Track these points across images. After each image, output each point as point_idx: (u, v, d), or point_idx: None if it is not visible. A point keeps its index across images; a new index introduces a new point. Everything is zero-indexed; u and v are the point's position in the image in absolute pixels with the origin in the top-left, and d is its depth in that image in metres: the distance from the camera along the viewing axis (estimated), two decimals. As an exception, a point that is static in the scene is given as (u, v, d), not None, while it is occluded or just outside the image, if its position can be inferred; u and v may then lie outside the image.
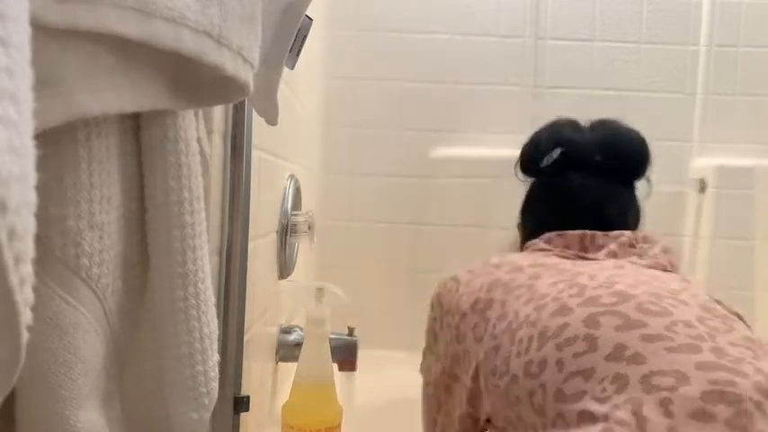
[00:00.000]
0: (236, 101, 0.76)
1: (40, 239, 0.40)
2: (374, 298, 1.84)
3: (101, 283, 0.45)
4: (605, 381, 0.64)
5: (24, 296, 0.26)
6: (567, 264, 0.84)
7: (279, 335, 1.23)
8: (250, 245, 0.88)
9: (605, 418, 0.62)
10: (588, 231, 0.91)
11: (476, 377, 0.81)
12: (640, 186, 0.99)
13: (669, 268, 0.87)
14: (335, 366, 1.09)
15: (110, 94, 0.40)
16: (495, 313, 0.80)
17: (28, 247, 0.26)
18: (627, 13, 1.94)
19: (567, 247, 0.90)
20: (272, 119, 0.73)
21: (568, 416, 0.65)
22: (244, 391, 0.87)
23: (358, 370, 1.22)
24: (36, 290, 0.28)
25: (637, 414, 0.60)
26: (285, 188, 1.22)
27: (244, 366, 0.87)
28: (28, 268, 0.26)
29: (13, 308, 0.25)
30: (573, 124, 1.01)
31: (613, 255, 0.87)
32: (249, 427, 0.94)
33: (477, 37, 1.92)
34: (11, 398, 0.42)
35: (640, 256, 0.87)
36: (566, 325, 0.70)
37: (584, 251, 0.89)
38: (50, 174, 0.41)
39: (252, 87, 0.51)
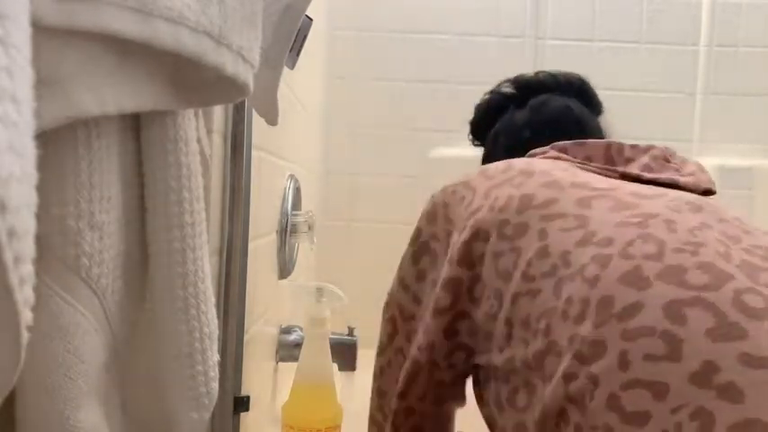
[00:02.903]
0: (236, 101, 0.76)
1: (40, 239, 0.40)
2: (374, 298, 1.83)
3: (101, 283, 0.45)
4: (682, 411, 0.46)
5: (24, 296, 0.26)
6: (624, 188, 0.65)
7: (279, 335, 1.23)
8: (250, 245, 0.88)
9: None
10: (612, 140, 0.77)
11: (492, 317, 0.63)
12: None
13: (714, 189, 0.74)
14: (335, 366, 1.09)
15: (110, 94, 0.40)
16: (531, 245, 0.61)
17: (28, 247, 0.26)
18: (627, 13, 1.94)
19: (588, 158, 0.75)
20: (272, 119, 0.73)
21: None
22: (244, 391, 0.87)
23: (358, 370, 1.22)
24: (36, 290, 0.28)
25: None
26: (285, 188, 1.22)
27: (244, 366, 0.87)
28: (28, 268, 0.26)
29: (13, 308, 0.25)
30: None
31: (649, 169, 0.72)
32: (249, 427, 0.94)
33: (477, 37, 1.92)
34: (11, 398, 0.42)
35: (679, 171, 0.73)
36: (638, 306, 0.52)
37: (610, 164, 0.74)
38: (50, 174, 0.41)
39: (252, 87, 0.51)
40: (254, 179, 0.87)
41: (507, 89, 0.96)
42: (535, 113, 0.92)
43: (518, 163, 0.71)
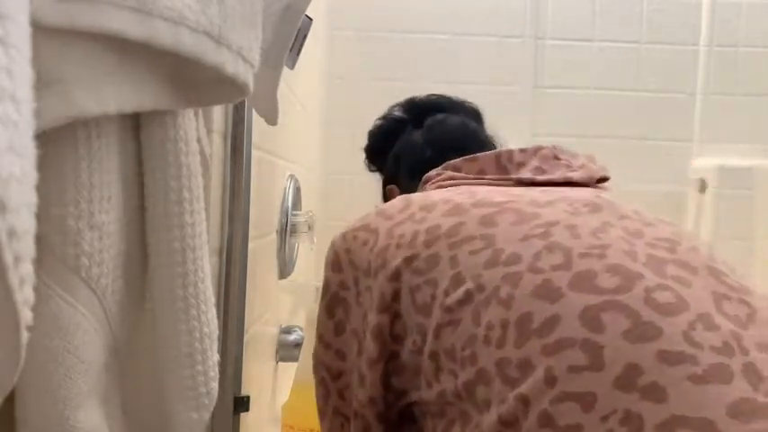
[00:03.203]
0: (236, 101, 0.76)
1: (40, 239, 0.40)
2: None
3: (100, 283, 0.45)
4: (611, 418, 0.47)
5: (24, 296, 0.26)
6: (521, 199, 0.66)
7: (279, 335, 1.23)
8: (250, 245, 0.88)
9: None
10: (501, 149, 0.79)
11: (417, 352, 0.62)
12: None
13: (608, 174, 0.77)
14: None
15: (110, 93, 0.40)
16: (445, 274, 0.61)
17: (28, 247, 0.26)
18: (627, 13, 1.94)
19: (482, 172, 0.76)
20: (272, 119, 0.73)
21: None
22: (244, 391, 0.87)
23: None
24: (36, 290, 0.28)
25: None
26: (285, 188, 1.22)
27: (244, 366, 0.87)
28: (28, 268, 0.26)
29: (13, 308, 0.25)
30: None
31: (541, 171, 0.74)
32: (249, 427, 0.94)
33: (477, 37, 1.92)
34: (11, 398, 0.42)
35: (570, 166, 0.75)
36: (556, 319, 0.52)
37: (503, 172, 0.76)
38: (50, 174, 0.41)
39: (252, 87, 0.51)
40: (254, 179, 0.87)
41: (398, 113, 0.98)
42: (434, 132, 0.92)
43: (416, 198, 0.72)
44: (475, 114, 0.97)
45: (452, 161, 0.79)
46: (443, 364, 0.59)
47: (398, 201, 0.73)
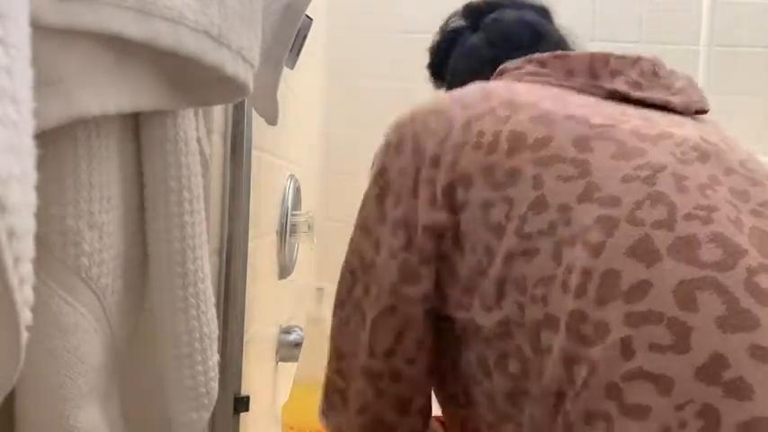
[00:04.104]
0: (236, 101, 0.76)
1: (40, 239, 0.40)
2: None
3: (100, 283, 0.44)
4: (687, 408, 0.43)
5: (24, 296, 0.26)
6: (618, 123, 0.57)
7: (279, 335, 1.23)
8: (250, 245, 0.88)
9: None
10: (596, 51, 0.67)
11: (480, 273, 0.56)
12: None
13: (707, 107, 0.67)
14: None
15: (109, 93, 0.40)
16: (525, 195, 0.54)
17: (28, 247, 0.26)
18: (627, 13, 1.94)
19: (570, 73, 0.65)
20: (272, 118, 0.73)
21: None
22: (244, 391, 0.87)
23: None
24: (36, 290, 0.28)
25: None
26: (285, 188, 1.22)
27: (244, 366, 0.87)
28: (28, 268, 0.26)
29: (13, 308, 0.25)
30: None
31: (637, 86, 0.64)
32: (249, 427, 0.94)
33: (477, 37, 1.92)
34: (11, 398, 0.42)
35: (669, 88, 0.65)
36: (647, 286, 0.47)
37: (594, 78, 0.65)
38: (50, 174, 0.41)
39: (252, 87, 0.51)
40: (254, 179, 0.87)
41: (455, 22, 0.89)
42: (493, 30, 0.82)
43: (497, 89, 0.62)
44: (542, 11, 0.87)
45: (536, 55, 0.67)
46: (510, 293, 0.54)
47: (476, 89, 0.63)
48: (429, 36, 0.98)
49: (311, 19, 0.71)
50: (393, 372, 0.62)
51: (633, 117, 0.59)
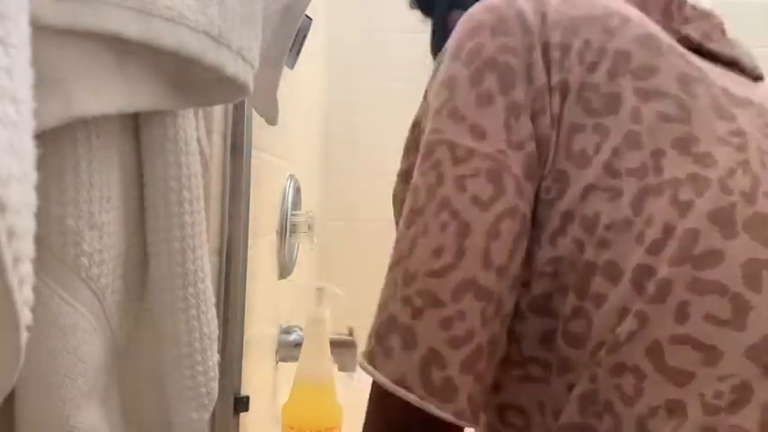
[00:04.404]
0: (236, 101, 0.76)
1: (40, 239, 0.40)
2: (374, 298, 1.83)
3: (100, 283, 0.45)
4: (728, 381, 0.44)
5: (24, 296, 0.26)
6: (711, 76, 0.53)
7: (279, 335, 1.24)
8: (250, 245, 0.88)
9: None
10: None
11: (546, 203, 0.51)
12: None
13: (763, 75, 0.62)
14: (335, 366, 1.08)
15: (109, 93, 0.40)
16: (621, 127, 0.50)
17: (28, 247, 0.26)
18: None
19: (643, 5, 0.58)
20: (272, 118, 0.73)
21: (648, 393, 0.45)
22: (244, 391, 0.87)
23: (358, 370, 1.22)
24: (36, 290, 0.28)
25: None
26: (285, 188, 1.22)
27: (244, 366, 0.87)
28: (27, 268, 0.26)
29: (13, 308, 0.25)
30: None
31: (708, 38, 0.59)
32: (249, 427, 0.94)
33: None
34: (11, 398, 0.42)
35: (734, 47, 0.60)
36: (719, 256, 0.46)
37: (668, 19, 0.59)
38: (50, 174, 0.41)
39: (252, 87, 0.51)
40: (254, 179, 0.87)
41: None
42: None
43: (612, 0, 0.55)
44: None
45: None
46: (572, 229, 0.49)
47: None
48: (428, 36, 0.97)
49: (311, 19, 0.71)
50: (499, 298, 0.50)
51: (725, 79, 0.55)
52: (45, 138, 0.35)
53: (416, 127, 0.58)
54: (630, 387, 0.46)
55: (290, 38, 0.66)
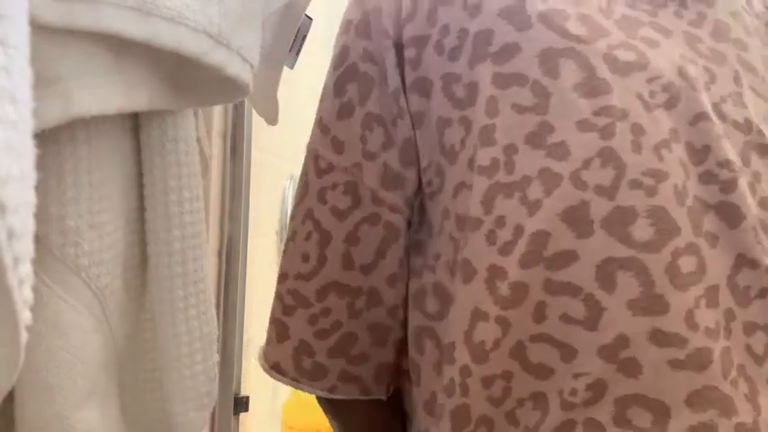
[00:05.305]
0: (236, 101, 0.76)
1: (40, 239, 0.40)
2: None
3: (100, 283, 0.44)
4: (581, 379, 0.46)
5: (24, 296, 0.26)
6: (595, 32, 0.50)
7: (279, 335, 1.23)
8: (250, 245, 0.88)
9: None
10: None
11: (428, 196, 0.53)
12: None
13: None
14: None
15: (109, 93, 0.40)
16: (478, 120, 0.49)
17: (27, 248, 0.26)
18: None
19: None
20: (271, 118, 0.73)
21: (516, 389, 0.47)
22: (244, 391, 0.87)
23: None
24: (36, 290, 0.28)
25: None
26: (285, 188, 1.22)
27: (244, 366, 0.87)
28: (27, 268, 0.26)
29: (13, 308, 0.25)
30: None
31: None
32: (249, 427, 0.94)
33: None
34: (10, 398, 0.42)
35: None
36: (572, 256, 0.46)
37: None
38: (50, 174, 0.41)
39: (251, 87, 0.51)
40: (254, 179, 0.87)
41: None
42: None
43: None
44: None
45: None
46: (449, 226, 0.52)
47: None
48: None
49: (311, 19, 0.71)
50: (372, 291, 0.55)
51: (617, 12, 0.51)
52: (45, 138, 0.35)
53: None
54: (499, 390, 0.48)
55: (290, 38, 0.66)
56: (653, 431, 0.45)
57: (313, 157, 0.57)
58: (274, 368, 0.58)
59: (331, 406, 0.60)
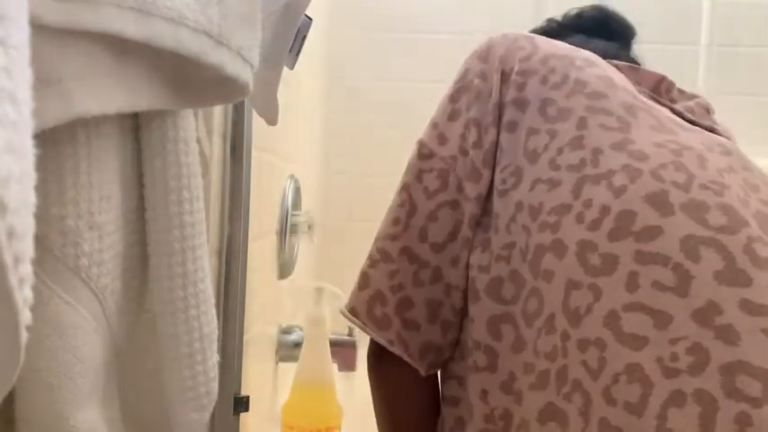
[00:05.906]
0: (236, 101, 0.76)
1: (40, 239, 0.40)
2: (374, 298, 1.83)
3: (100, 283, 0.44)
4: (680, 344, 0.47)
5: (24, 296, 0.26)
6: (665, 113, 0.64)
7: (279, 335, 1.23)
8: (250, 245, 0.88)
9: (663, 406, 0.46)
10: (666, 76, 0.74)
11: (500, 193, 0.63)
12: None
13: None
14: (335, 366, 1.09)
15: (109, 93, 0.40)
16: (569, 132, 0.61)
17: (27, 247, 0.26)
18: (627, 13, 1.94)
19: (638, 83, 0.71)
20: (271, 119, 0.73)
21: (610, 361, 0.49)
22: (244, 391, 0.87)
23: (358, 370, 1.22)
24: (35, 290, 0.28)
25: (705, 426, 0.44)
26: (285, 188, 1.22)
27: (244, 366, 0.87)
28: (27, 268, 0.26)
29: (13, 308, 0.25)
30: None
31: (691, 111, 0.70)
32: (249, 427, 0.94)
33: (478, 36, 1.92)
34: (10, 398, 0.42)
35: (716, 125, 0.70)
36: (658, 231, 0.52)
37: (657, 94, 0.72)
38: (50, 174, 0.41)
39: (252, 87, 0.51)
40: (254, 179, 0.87)
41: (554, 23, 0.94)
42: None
43: (584, 51, 0.69)
44: (608, 29, 0.94)
45: (615, 61, 0.73)
46: (521, 217, 0.60)
47: (564, 43, 0.70)
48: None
49: (311, 19, 0.71)
50: (436, 269, 0.65)
51: (677, 117, 0.65)
52: (45, 138, 0.35)
53: None
54: (594, 360, 0.50)
55: (289, 38, 0.66)
56: (764, 402, 0.45)
57: (420, 145, 0.70)
58: (351, 312, 0.68)
59: (383, 367, 0.69)
